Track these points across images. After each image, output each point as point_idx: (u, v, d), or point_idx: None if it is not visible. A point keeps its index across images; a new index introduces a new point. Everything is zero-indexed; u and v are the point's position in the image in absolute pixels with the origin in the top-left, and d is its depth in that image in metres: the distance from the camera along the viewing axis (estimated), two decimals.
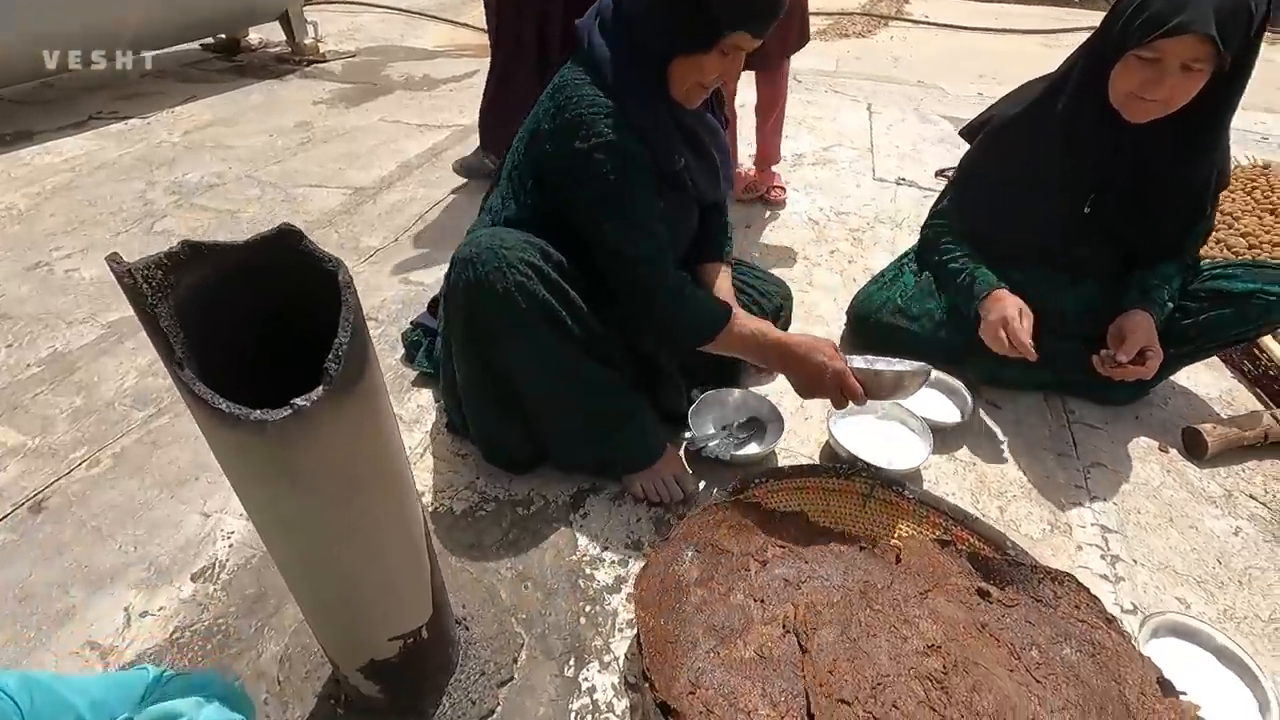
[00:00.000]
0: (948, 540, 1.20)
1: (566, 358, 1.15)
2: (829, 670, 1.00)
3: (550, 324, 1.11)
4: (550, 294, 1.10)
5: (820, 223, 2.36)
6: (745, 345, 1.22)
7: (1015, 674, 1.02)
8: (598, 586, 1.14)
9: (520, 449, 1.30)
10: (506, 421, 1.25)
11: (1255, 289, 1.41)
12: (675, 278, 1.18)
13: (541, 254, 1.12)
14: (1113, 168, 1.39)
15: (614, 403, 1.24)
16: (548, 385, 1.18)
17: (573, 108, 1.10)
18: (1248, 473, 1.46)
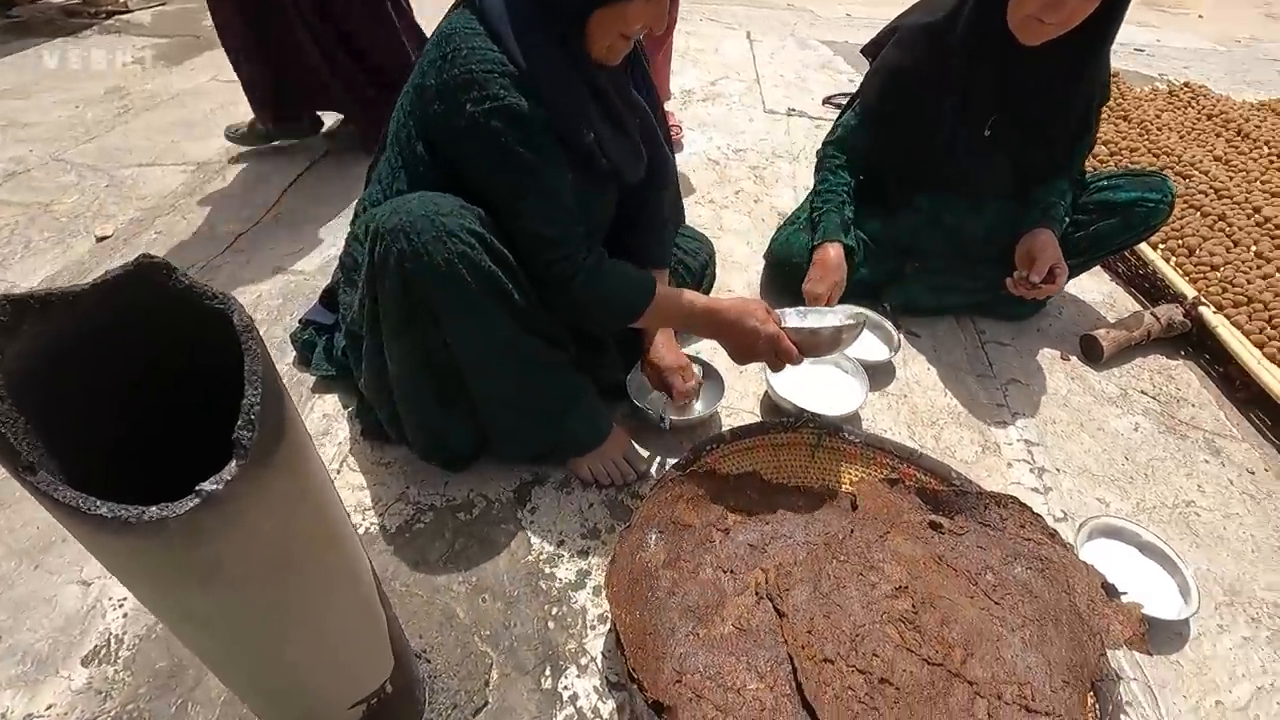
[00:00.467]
0: (896, 479, 1.23)
1: (514, 335, 1.04)
2: (807, 630, 1.00)
3: (497, 298, 1.00)
4: (495, 264, 0.98)
5: (720, 163, 2.30)
6: (672, 318, 1.17)
7: (976, 600, 1.07)
8: (561, 585, 1.07)
9: (463, 441, 1.19)
10: (450, 413, 1.13)
11: (1137, 197, 1.50)
12: (593, 256, 1.07)
13: (480, 220, 0.99)
14: (1011, 89, 1.40)
15: (562, 382, 1.16)
16: (495, 366, 1.07)
17: (462, 62, 0.95)
18: (1136, 370, 1.58)
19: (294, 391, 1.35)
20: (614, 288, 1.09)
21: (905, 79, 1.48)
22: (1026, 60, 1.35)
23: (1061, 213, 1.50)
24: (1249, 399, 1.50)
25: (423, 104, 1.02)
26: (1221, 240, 1.81)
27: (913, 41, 1.45)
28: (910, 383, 1.50)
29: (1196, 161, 2.16)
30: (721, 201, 2.09)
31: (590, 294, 1.07)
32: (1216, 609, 1.11)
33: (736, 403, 1.42)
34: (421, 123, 1.04)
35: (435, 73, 0.99)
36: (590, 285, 1.06)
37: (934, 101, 1.45)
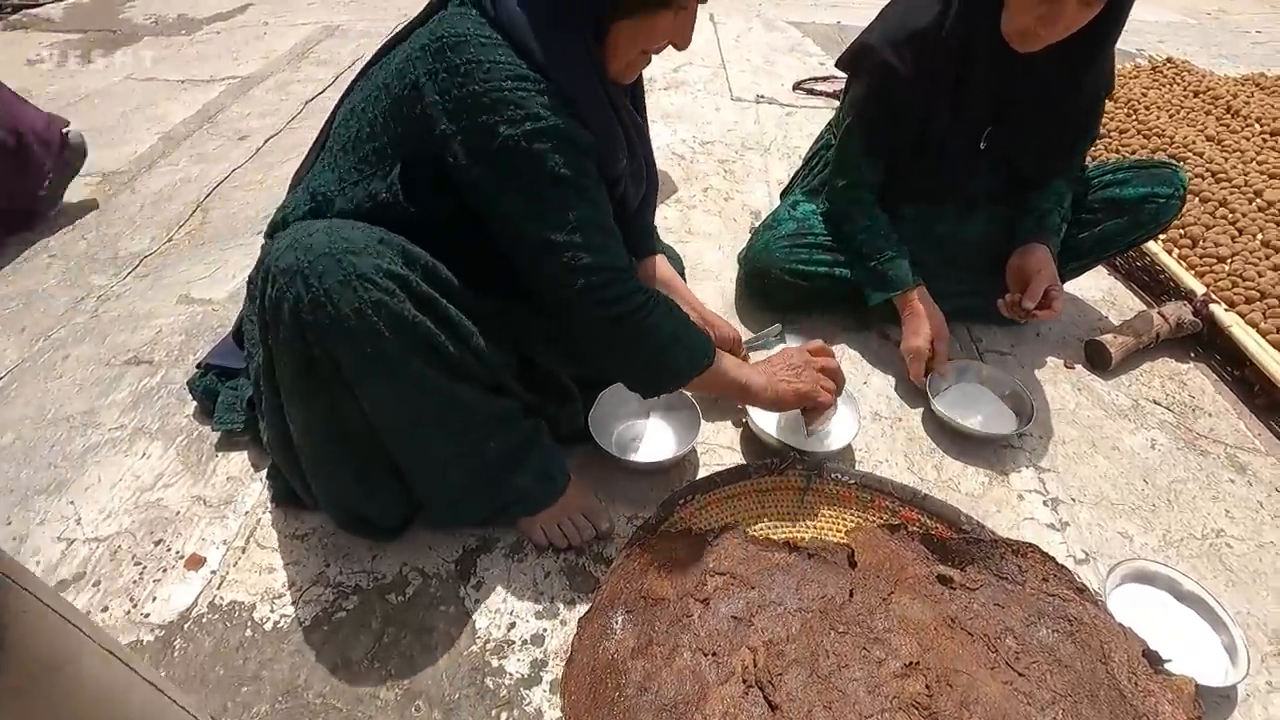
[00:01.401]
0: (898, 525, 1.07)
1: (447, 390, 0.86)
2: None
3: (423, 352, 0.82)
4: (421, 311, 0.81)
5: (686, 157, 2.12)
6: (720, 383, 1.03)
7: (997, 671, 0.91)
8: (511, 681, 0.90)
9: (389, 514, 1.00)
10: (369, 486, 0.95)
11: (1146, 193, 1.36)
12: (655, 294, 0.93)
13: (404, 257, 0.81)
14: (1007, 100, 1.26)
15: (508, 435, 0.98)
16: (425, 431, 0.89)
17: (484, 77, 0.79)
18: (1146, 377, 1.45)
19: (193, 450, 1.15)
20: (684, 332, 0.96)
21: (895, 93, 1.29)
22: (1022, 69, 1.20)
23: (1058, 220, 1.35)
24: (1269, 405, 1.38)
25: (413, 117, 0.84)
26: (1225, 229, 1.69)
27: (898, 50, 1.27)
28: (905, 403, 1.35)
29: (1189, 142, 2.04)
30: (689, 201, 1.91)
31: (663, 333, 0.93)
32: (1264, 661, 0.98)
33: (712, 437, 1.25)
34: (410, 140, 0.86)
35: (434, 84, 0.81)
36: (664, 322, 0.93)
37: (925, 114, 1.29)
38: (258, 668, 0.88)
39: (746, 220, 1.83)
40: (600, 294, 0.86)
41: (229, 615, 0.93)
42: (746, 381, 1.04)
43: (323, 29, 3.24)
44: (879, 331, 1.50)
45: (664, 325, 0.92)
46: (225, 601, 0.95)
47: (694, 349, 0.96)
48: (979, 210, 1.42)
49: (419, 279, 0.81)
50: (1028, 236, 1.34)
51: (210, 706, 0.84)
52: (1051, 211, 1.35)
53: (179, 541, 1.01)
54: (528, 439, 1.01)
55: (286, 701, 0.85)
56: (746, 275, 1.53)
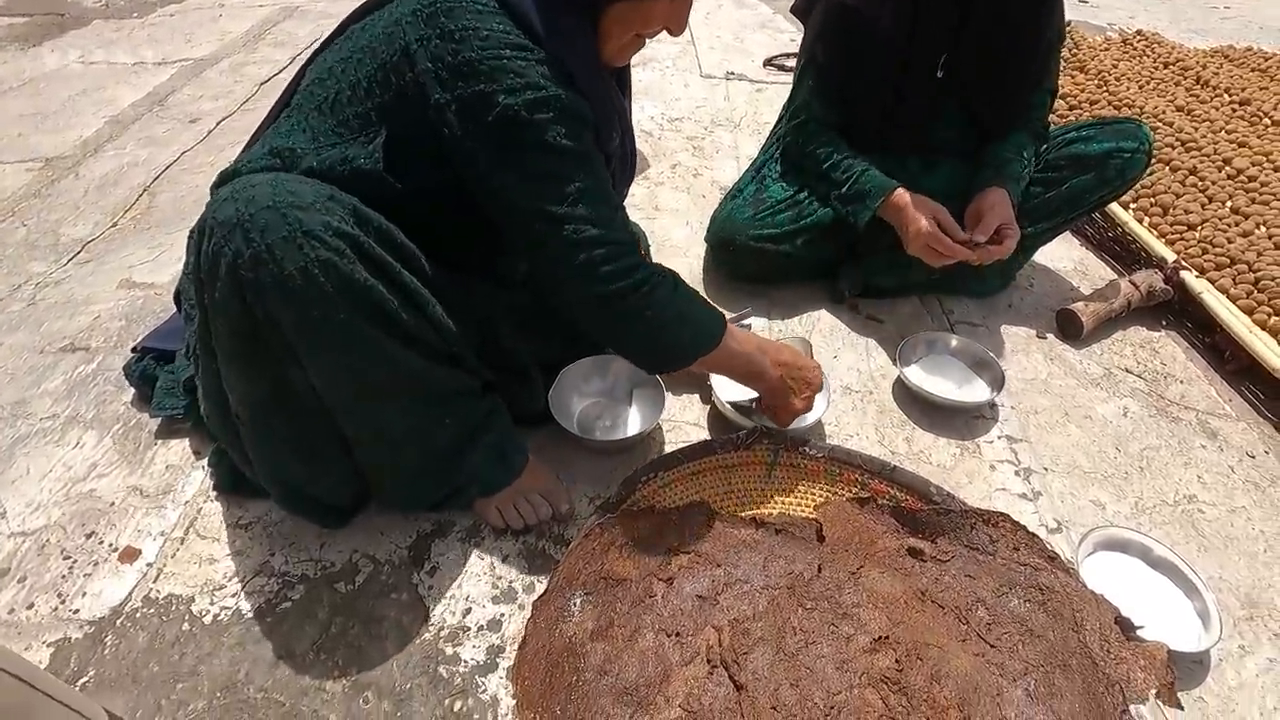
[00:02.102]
0: (867, 498, 1.04)
1: (401, 361, 0.81)
2: (771, 706, 0.81)
3: (376, 318, 0.77)
4: (373, 275, 0.75)
5: (654, 134, 2.08)
6: (735, 356, 0.98)
7: (969, 643, 0.89)
8: (466, 669, 0.86)
9: (337, 493, 0.95)
10: (315, 463, 0.90)
11: (1111, 148, 1.34)
12: (659, 269, 0.90)
13: (355, 216, 0.76)
14: (962, 19, 1.24)
15: (466, 413, 0.93)
16: (375, 403, 0.84)
17: (479, 44, 0.76)
18: (1118, 345, 1.43)
19: (130, 438, 1.09)
20: (689, 309, 0.92)
21: (848, 20, 1.28)
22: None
23: (1019, 169, 1.32)
24: (1239, 371, 1.37)
25: (400, 82, 0.79)
26: (1196, 197, 1.68)
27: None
28: (875, 376, 1.32)
29: (1159, 112, 2.03)
30: (656, 178, 1.87)
31: (667, 311, 0.89)
32: (1236, 626, 0.96)
33: (678, 414, 1.21)
34: (395, 106, 0.81)
35: (429, 52, 0.76)
36: (669, 299, 0.89)
37: (880, 41, 1.27)
38: (195, 663, 0.83)
39: (715, 197, 1.78)
40: (602, 269, 0.82)
41: (165, 609, 0.88)
42: (760, 369, 1.00)
43: (281, 10, 3.14)
44: (850, 304, 1.47)
45: (668, 302, 0.88)
46: (161, 595, 0.90)
47: (700, 327, 0.92)
48: (942, 164, 1.39)
49: (372, 241, 0.76)
50: (987, 181, 1.31)
51: (143, 705, 0.79)
52: (1011, 160, 1.32)
53: (112, 534, 0.96)
54: (485, 417, 0.97)
55: (225, 697, 0.80)
56: (712, 246, 1.49)
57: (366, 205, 0.79)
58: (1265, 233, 1.54)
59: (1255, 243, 1.51)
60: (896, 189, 1.30)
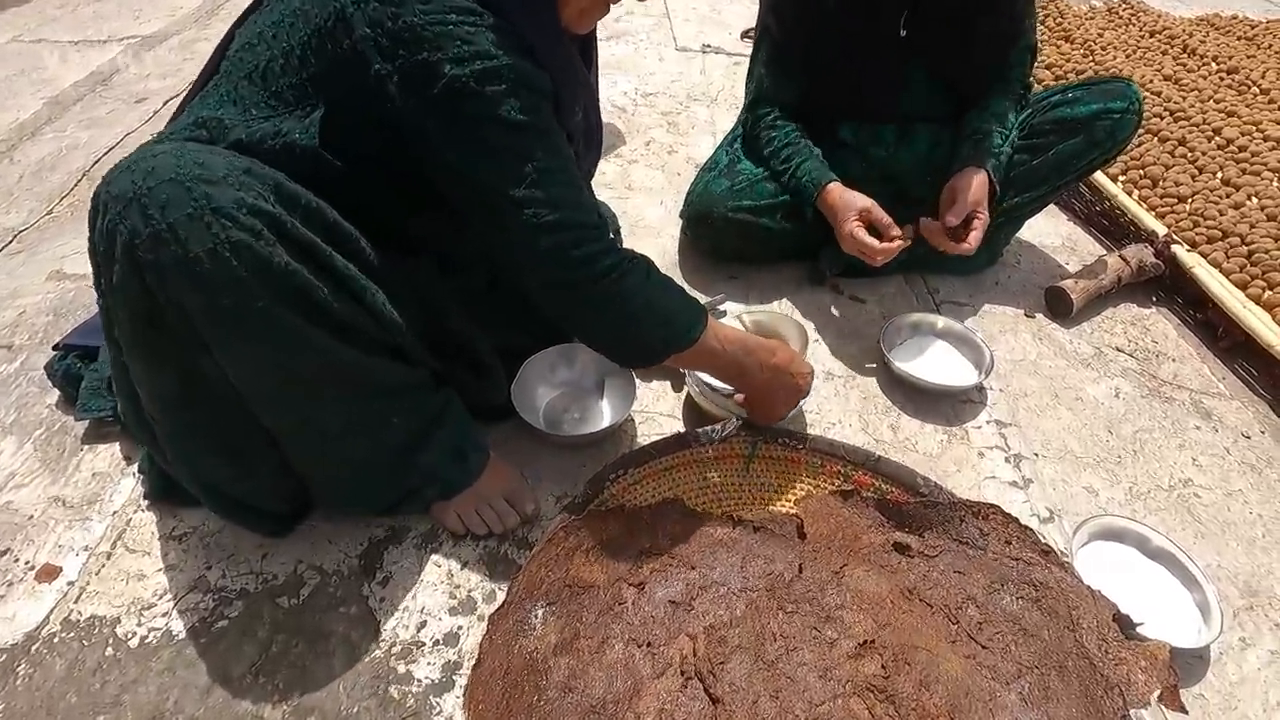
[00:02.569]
0: (850, 490, 0.98)
1: (333, 355, 0.73)
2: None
3: (300, 306, 0.68)
4: (297, 258, 0.67)
5: (627, 110, 1.98)
6: (721, 355, 0.89)
7: (959, 645, 0.84)
8: (420, 688, 0.79)
9: (271, 495, 0.87)
10: (242, 460, 0.82)
11: (1099, 109, 1.27)
12: (632, 255, 0.82)
13: (277, 193, 0.67)
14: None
15: (415, 408, 0.86)
16: (305, 400, 0.76)
17: (421, 8, 0.67)
18: (1108, 324, 1.38)
19: (54, 444, 1.00)
20: (662, 300, 0.83)
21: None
22: None
23: (998, 141, 1.25)
24: (1232, 348, 1.32)
25: (336, 50, 0.71)
26: (1185, 168, 1.62)
27: None
28: (858, 360, 1.26)
29: (1146, 81, 1.97)
30: (629, 155, 1.78)
31: (636, 301, 0.81)
32: (1236, 617, 0.92)
33: (651, 405, 1.15)
34: (331, 74, 0.72)
35: (367, 16, 0.68)
36: (639, 288, 0.81)
37: (835, 10, 1.21)
38: (118, 691, 0.76)
39: (691, 174, 1.69)
40: (567, 255, 0.75)
41: (87, 632, 0.80)
42: (744, 371, 0.91)
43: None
44: (831, 284, 1.41)
45: (638, 292, 0.80)
46: (83, 616, 0.82)
47: (675, 321, 0.84)
48: (918, 132, 1.33)
49: (296, 221, 0.68)
50: (965, 160, 1.24)
51: None
52: (991, 132, 1.26)
53: (30, 550, 0.88)
54: (438, 413, 0.89)
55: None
56: (689, 223, 1.41)
57: (302, 183, 0.71)
58: (1257, 204, 1.49)
59: (1248, 214, 1.46)
60: (827, 185, 1.24)
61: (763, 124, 1.35)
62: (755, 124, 1.37)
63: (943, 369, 1.21)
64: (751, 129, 1.38)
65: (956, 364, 1.22)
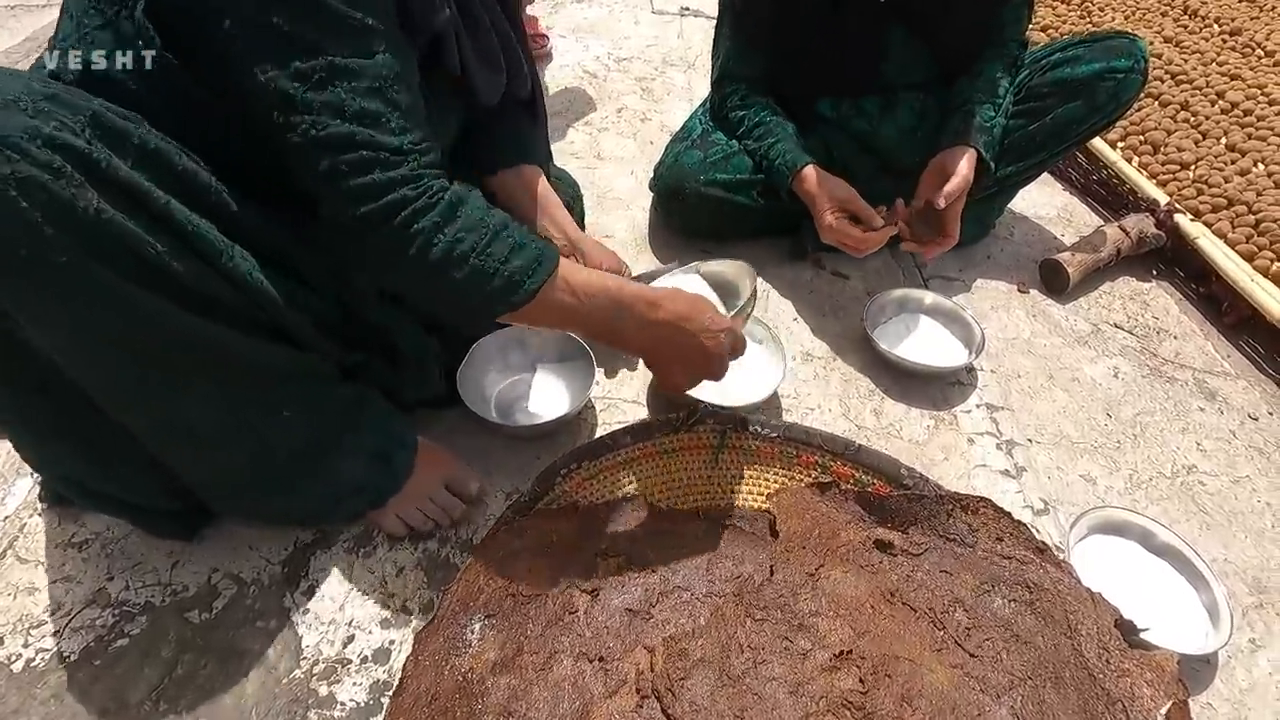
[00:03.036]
0: (828, 482, 0.90)
1: (182, 329, 0.61)
2: None
3: (121, 263, 0.56)
4: (116, 204, 0.55)
5: (599, 75, 1.87)
6: (579, 309, 0.71)
7: (945, 653, 0.76)
8: (343, 713, 0.70)
9: (150, 492, 0.75)
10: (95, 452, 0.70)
11: (1102, 68, 1.17)
12: (456, 187, 0.67)
13: (93, 124, 0.54)
14: None
15: (310, 406, 0.74)
16: (155, 389, 0.63)
17: None
18: (1106, 299, 1.30)
19: None
20: (489, 241, 0.65)
21: None
22: None
23: (990, 114, 1.14)
24: (1238, 323, 1.24)
25: None
26: (1188, 133, 1.53)
27: None
28: (840, 340, 1.17)
29: (1146, 44, 1.86)
30: (599, 123, 1.67)
31: (448, 244, 0.64)
32: (1245, 616, 0.84)
33: (613, 389, 1.05)
34: None
35: None
36: (451, 227, 0.64)
37: None
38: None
39: (664, 143, 1.59)
40: (348, 182, 0.60)
41: None
42: (615, 329, 0.74)
43: None
44: (813, 259, 1.31)
45: (447, 235, 0.64)
46: None
47: (502, 271, 0.66)
48: (902, 103, 1.23)
49: (118, 160, 0.55)
50: (952, 137, 1.13)
51: None
52: (983, 104, 1.15)
53: None
54: (346, 410, 0.78)
55: None
56: (659, 197, 1.31)
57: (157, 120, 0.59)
58: (1264, 170, 1.40)
59: (1254, 181, 1.37)
60: (803, 170, 1.13)
61: (730, 102, 1.24)
62: (723, 103, 1.26)
63: (930, 349, 1.12)
64: (719, 109, 1.28)
65: (945, 343, 1.14)
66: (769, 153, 1.16)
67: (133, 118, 0.58)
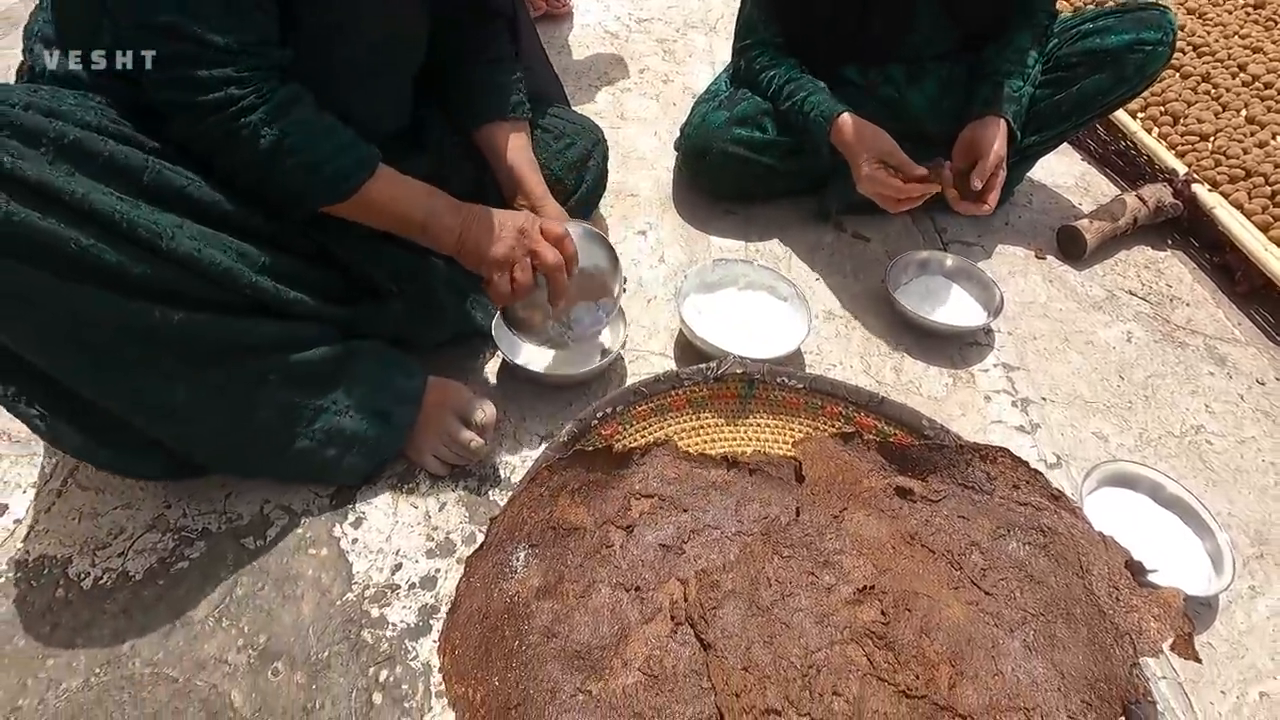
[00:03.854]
0: (851, 433, 0.93)
1: (137, 319, 0.63)
2: (743, 667, 0.71)
3: (55, 266, 0.58)
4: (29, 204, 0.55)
5: (621, 35, 1.86)
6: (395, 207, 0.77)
7: (961, 591, 0.80)
8: (394, 633, 0.75)
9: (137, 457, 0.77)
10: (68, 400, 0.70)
11: (1132, 40, 1.18)
12: (287, 88, 0.69)
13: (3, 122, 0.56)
14: None
15: (290, 381, 0.75)
16: (123, 371, 0.66)
17: None
18: (1121, 266, 1.32)
19: None
20: (312, 140, 0.70)
21: None
22: None
23: (1020, 84, 1.16)
24: (1250, 293, 1.26)
25: None
26: (1208, 104, 1.54)
27: None
28: (861, 299, 1.20)
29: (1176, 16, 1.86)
30: (622, 84, 1.67)
31: (274, 139, 0.67)
32: (1246, 565, 0.89)
33: (641, 343, 1.08)
34: None
35: None
36: (279, 127, 0.67)
37: None
38: (70, 635, 0.71)
39: (687, 104, 1.60)
40: (180, 74, 0.63)
41: (36, 573, 0.75)
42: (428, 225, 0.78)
43: None
44: (835, 222, 1.33)
45: (273, 130, 0.67)
46: (32, 556, 0.76)
47: (324, 168, 0.70)
48: (927, 72, 1.24)
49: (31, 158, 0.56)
50: (983, 107, 1.15)
51: (4, 686, 0.67)
52: (1012, 74, 1.16)
53: None
54: (332, 372, 0.79)
55: (106, 673, 0.69)
56: (685, 157, 1.32)
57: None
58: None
59: (1272, 154, 1.38)
60: (840, 116, 1.13)
61: (757, 64, 1.24)
62: (749, 67, 1.26)
63: (950, 309, 1.15)
64: (744, 72, 1.27)
65: (964, 304, 1.16)
66: (803, 106, 1.16)
67: (65, 110, 0.60)
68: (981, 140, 1.13)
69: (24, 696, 0.67)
